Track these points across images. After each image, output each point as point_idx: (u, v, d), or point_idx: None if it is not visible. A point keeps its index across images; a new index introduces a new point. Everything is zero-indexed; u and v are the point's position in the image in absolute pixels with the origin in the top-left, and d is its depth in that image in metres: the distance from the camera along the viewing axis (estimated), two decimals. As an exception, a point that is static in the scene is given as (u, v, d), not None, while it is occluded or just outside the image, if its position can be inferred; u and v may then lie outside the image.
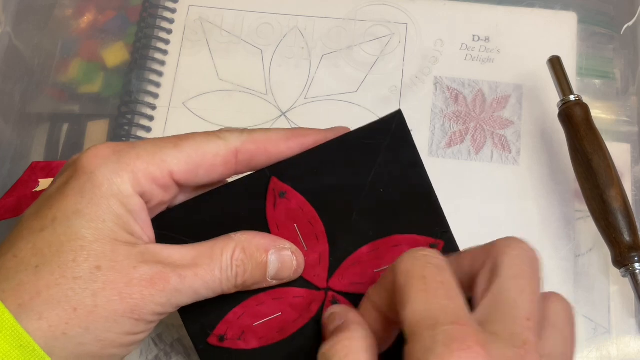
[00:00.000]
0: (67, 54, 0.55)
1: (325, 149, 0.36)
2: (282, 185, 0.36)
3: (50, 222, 0.31)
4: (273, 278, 0.35)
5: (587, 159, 0.44)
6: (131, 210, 0.32)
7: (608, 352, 0.44)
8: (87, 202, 0.31)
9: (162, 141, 0.34)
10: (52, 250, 0.31)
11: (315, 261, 0.36)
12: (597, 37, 0.53)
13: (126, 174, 0.32)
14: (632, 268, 0.42)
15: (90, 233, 0.31)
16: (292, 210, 0.36)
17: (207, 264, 0.33)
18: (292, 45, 0.53)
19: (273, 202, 0.36)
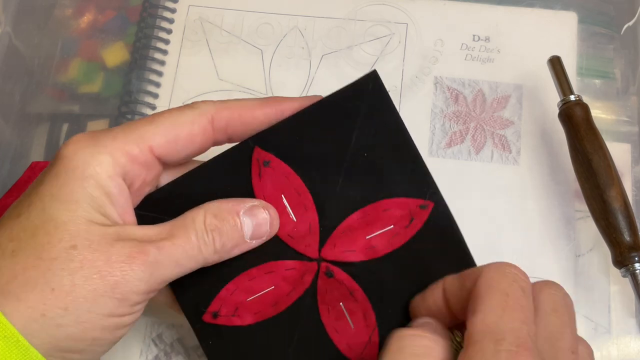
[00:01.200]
0: (67, 54, 0.55)
1: (305, 115, 0.36)
2: (265, 154, 0.36)
3: (26, 208, 0.31)
4: (252, 238, 0.34)
5: (587, 158, 0.44)
6: (108, 192, 0.32)
7: (608, 352, 0.44)
8: (61, 185, 0.31)
9: (137, 121, 0.34)
10: (28, 234, 0.31)
11: (305, 231, 0.36)
12: (597, 37, 0.53)
13: (103, 155, 0.32)
14: (633, 268, 0.42)
15: (63, 214, 0.31)
16: (278, 180, 0.36)
17: (183, 233, 0.33)
18: (292, 45, 0.53)
19: (258, 171, 0.36)
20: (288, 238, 0.36)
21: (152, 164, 0.34)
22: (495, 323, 0.28)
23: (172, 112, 0.35)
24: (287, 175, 0.36)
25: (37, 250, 0.30)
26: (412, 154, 0.36)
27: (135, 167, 0.33)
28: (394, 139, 0.36)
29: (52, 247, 0.30)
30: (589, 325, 0.45)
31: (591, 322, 0.45)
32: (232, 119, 0.35)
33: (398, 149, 0.36)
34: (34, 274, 0.30)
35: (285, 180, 0.36)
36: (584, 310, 0.45)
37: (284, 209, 0.36)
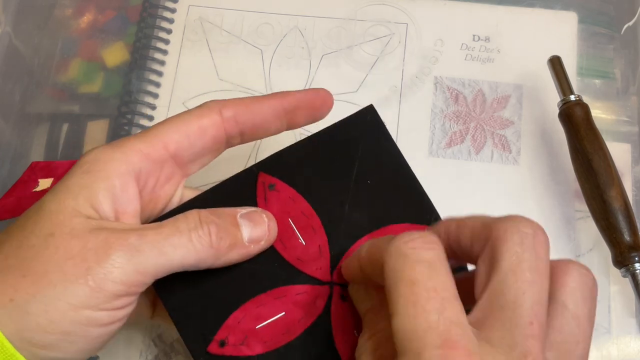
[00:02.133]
0: (67, 53, 0.55)
1: (307, 144, 0.36)
2: (270, 178, 0.36)
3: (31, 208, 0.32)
4: (250, 241, 0.33)
5: (587, 159, 0.44)
6: (110, 187, 0.31)
7: (608, 352, 0.44)
8: (65, 179, 0.32)
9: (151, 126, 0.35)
10: (18, 226, 0.31)
11: (315, 254, 0.35)
12: (597, 37, 0.53)
13: (116, 154, 0.32)
14: (633, 268, 0.42)
15: (52, 204, 0.31)
16: (284, 202, 0.36)
17: (171, 223, 0.31)
18: (292, 45, 0.53)
19: (263, 195, 0.36)
20: (297, 261, 0.35)
21: (167, 162, 0.34)
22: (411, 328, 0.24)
23: (182, 112, 0.35)
24: (294, 198, 0.36)
25: (20, 240, 0.30)
26: (410, 181, 0.37)
27: (149, 164, 0.33)
28: (393, 167, 0.37)
29: (33, 236, 0.30)
30: (589, 325, 0.45)
31: (591, 322, 0.45)
32: (239, 110, 0.35)
33: (398, 177, 0.37)
34: (11, 261, 0.29)
35: (292, 203, 0.36)
36: (584, 310, 0.45)
37: (292, 232, 0.35)
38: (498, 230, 0.27)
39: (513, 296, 0.25)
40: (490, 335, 0.25)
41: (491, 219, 0.28)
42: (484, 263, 0.27)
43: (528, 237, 0.26)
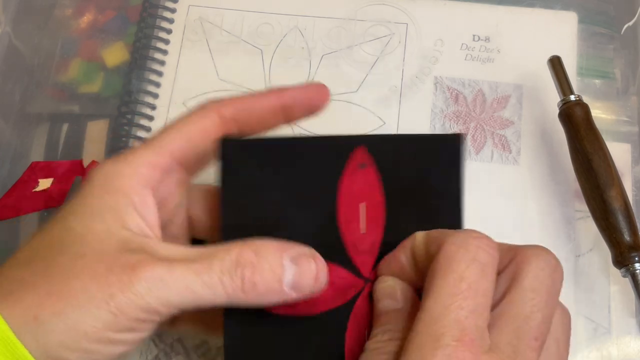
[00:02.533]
0: (67, 53, 0.55)
1: (403, 139, 0.36)
2: (365, 157, 0.35)
3: (50, 224, 0.32)
4: (292, 287, 0.31)
5: (587, 159, 0.44)
6: (131, 203, 0.32)
7: (608, 352, 0.44)
8: (83, 199, 0.32)
9: (154, 134, 0.34)
10: (44, 244, 0.31)
11: (368, 247, 0.35)
12: (597, 37, 0.53)
13: (125, 169, 0.32)
14: (633, 268, 0.42)
15: (80, 226, 0.31)
16: (364, 187, 0.35)
17: (205, 259, 0.30)
18: (292, 45, 0.53)
19: (351, 172, 0.35)
20: (352, 247, 0.35)
21: (175, 169, 0.34)
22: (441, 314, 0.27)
23: (181, 116, 0.35)
24: (372, 185, 0.35)
25: (48, 259, 0.30)
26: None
27: (158, 174, 0.33)
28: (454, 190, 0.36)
29: (61, 255, 0.30)
30: (589, 325, 0.45)
31: (591, 322, 0.45)
32: (237, 109, 0.35)
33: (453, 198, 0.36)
34: (37, 279, 0.29)
35: (369, 190, 0.35)
36: (584, 310, 0.45)
37: (357, 218, 0.35)
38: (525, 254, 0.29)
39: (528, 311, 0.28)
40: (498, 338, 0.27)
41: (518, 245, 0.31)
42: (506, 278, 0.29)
43: (550, 267, 0.30)
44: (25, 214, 0.48)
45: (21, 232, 0.49)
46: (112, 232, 0.31)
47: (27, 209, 0.47)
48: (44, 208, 0.48)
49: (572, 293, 0.45)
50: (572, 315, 0.32)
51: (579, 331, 0.44)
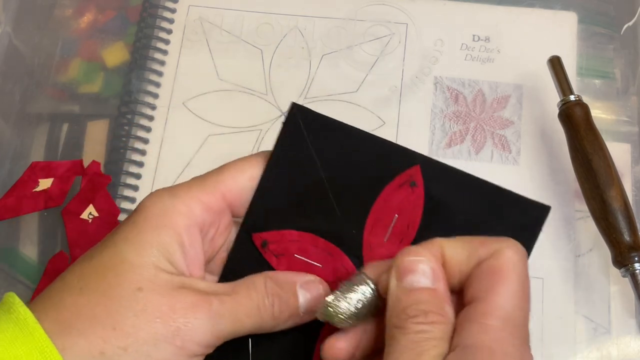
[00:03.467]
0: (67, 53, 0.55)
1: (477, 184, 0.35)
2: (419, 178, 0.35)
3: (99, 251, 0.32)
4: (305, 311, 0.34)
5: (587, 159, 0.44)
6: (180, 242, 0.32)
7: (608, 352, 0.44)
8: (136, 231, 0.32)
9: (207, 173, 0.35)
10: (97, 273, 0.31)
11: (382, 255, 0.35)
12: (597, 37, 0.53)
13: (181, 206, 0.33)
14: (632, 268, 0.42)
15: (134, 257, 0.31)
16: (405, 203, 0.35)
17: (244, 291, 0.33)
18: (292, 45, 0.53)
19: (400, 184, 0.35)
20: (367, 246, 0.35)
21: (225, 212, 0.35)
22: (512, 314, 0.28)
23: (238, 161, 0.36)
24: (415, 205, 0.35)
25: (104, 289, 0.30)
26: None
27: (210, 216, 0.34)
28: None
29: (119, 287, 0.30)
30: (589, 325, 0.45)
31: (591, 322, 0.45)
32: None
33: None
34: (98, 311, 0.30)
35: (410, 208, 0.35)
36: (584, 310, 0.45)
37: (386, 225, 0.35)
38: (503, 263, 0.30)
39: None
40: None
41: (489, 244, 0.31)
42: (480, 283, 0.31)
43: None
44: (26, 214, 0.48)
45: (21, 232, 0.49)
46: (161, 267, 0.32)
47: (27, 209, 0.47)
48: (44, 208, 0.48)
49: (572, 293, 0.45)
50: (572, 315, 0.32)
51: (579, 331, 0.44)
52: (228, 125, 0.51)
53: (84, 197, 0.48)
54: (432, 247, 0.31)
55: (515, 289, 0.29)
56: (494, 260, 0.30)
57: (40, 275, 0.47)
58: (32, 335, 0.29)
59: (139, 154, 0.51)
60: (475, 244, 0.31)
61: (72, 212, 0.47)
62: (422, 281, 0.30)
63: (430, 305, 0.29)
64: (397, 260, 0.30)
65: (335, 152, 0.36)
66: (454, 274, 0.31)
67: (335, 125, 0.37)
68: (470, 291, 0.30)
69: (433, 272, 0.30)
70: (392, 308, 0.30)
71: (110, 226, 0.47)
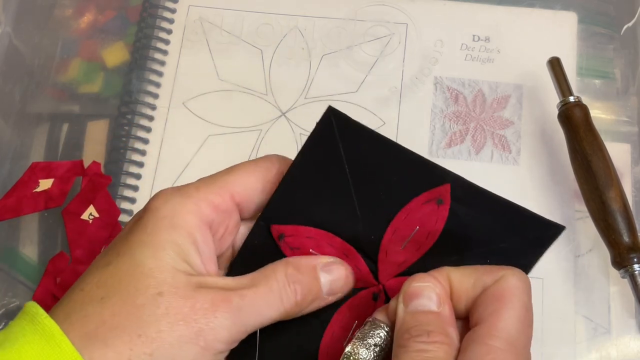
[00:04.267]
0: (67, 54, 0.55)
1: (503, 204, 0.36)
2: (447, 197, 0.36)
3: (114, 257, 0.32)
4: (328, 293, 0.35)
5: (586, 160, 0.44)
6: (194, 241, 0.33)
7: (608, 352, 0.44)
8: (148, 233, 0.32)
9: (217, 173, 0.35)
10: (116, 281, 0.31)
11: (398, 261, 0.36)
12: (597, 37, 0.53)
13: (190, 205, 0.33)
14: (631, 269, 0.42)
15: (150, 261, 0.31)
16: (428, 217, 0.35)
17: (264, 282, 0.33)
18: (292, 46, 0.53)
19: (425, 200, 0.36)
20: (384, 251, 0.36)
21: (233, 212, 0.35)
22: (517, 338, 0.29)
23: (247, 162, 0.36)
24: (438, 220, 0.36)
25: (125, 297, 0.31)
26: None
27: (219, 215, 0.34)
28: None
29: (139, 294, 0.31)
30: (589, 325, 0.45)
31: (591, 322, 0.45)
32: None
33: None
34: (121, 319, 0.30)
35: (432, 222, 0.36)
36: (584, 310, 0.45)
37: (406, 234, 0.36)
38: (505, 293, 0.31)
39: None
40: None
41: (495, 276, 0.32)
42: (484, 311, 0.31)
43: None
44: (26, 214, 0.48)
45: (21, 233, 0.49)
46: (178, 268, 0.32)
47: (28, 210, 0.47)
48: (45, 208, 0.48)
49: (571, 293, 0.45)
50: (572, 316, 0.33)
51: (579, 331, 0.45)
52: (228, 125, 0.51)
53: (85, 198, 0.48)
54: (439, 274, 0.32)
55: (519, 313, 0.30)
56: (498, 285, 0.31)
57: (40, 275, 0.47)
58: (60, 347, 0.29)
59: (139, 154, 0.51)
60: (481, 272, 0.32)
61: (72, 213, 0.47)
62: (427, 305, 0.31)
63: (433, 326, 0.30)
64: (404, 286, 0.32)
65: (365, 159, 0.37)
66: (460, 300, 0.32)
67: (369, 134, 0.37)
68: (475, 315, 0.31)
69: (438, 297, 0.31)
70: (397, 330, 0.31)
71: (110, 227, 0.47)
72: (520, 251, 0.35)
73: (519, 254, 0.35)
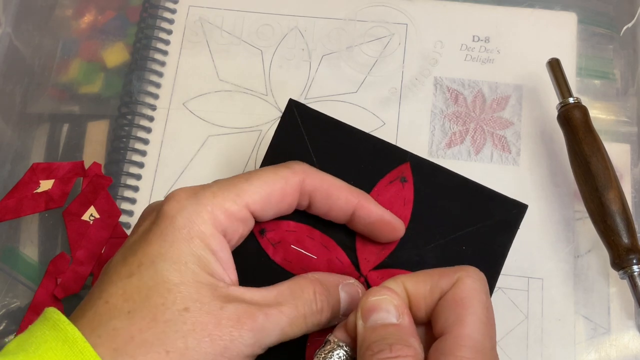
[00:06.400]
0: (67, 54, 0.55)
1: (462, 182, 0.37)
2: (409, 174, 0.37)
3: (136, 268, 0.32)
4: (344, 314, 0.35)
5: (585, 161, 0.44)
6: (212, 250, 0.33)
7: (607, 352, 0.44)
8: (169, 245, 0.32)
9: (234, 178, 0.35)
10: (142, 296, 0.31)
11: (375, 250, 0.37)
12: (597, 37, 0.53)
13: (205, 213, 0.33)
14: (630, 270, 0.42)
15: (175, 275, 0.32)
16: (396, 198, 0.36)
17: (290, 301, 0.33)
18: (292, 46, 0.54)
19: (390, 180, 0.37)
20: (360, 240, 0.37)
21: (248, 220, 0.35)
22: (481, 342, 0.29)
23: (267, 170, 0.35)
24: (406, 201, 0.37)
25: (152, 312, 0.31)
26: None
27: (234, 223, 0.34)
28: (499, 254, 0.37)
29: (166, 309, 0.31)
30: (589, 325, 0.45)
31: (590, 322, 0.45)
32: (319, 188, 0.36)
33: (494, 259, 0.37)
34: (149, 335, 0.30)
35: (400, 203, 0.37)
36: (583, 310, 0.45)
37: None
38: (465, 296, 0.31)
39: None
40: None
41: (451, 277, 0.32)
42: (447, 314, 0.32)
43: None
44: (27, 215, 0.48)
45: (22, 234, 0.49)
46: (202, 282, 0.32)
47: (28, 210, 0.47)
48: (45, 209, 0.48)
49: (571, 294, 0.45)
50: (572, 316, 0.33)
51: (579, 331, 0.45)
52: (228, 125, 0.51)
53: (85, 199, 0.48)
54: (394, 284, 0.32)
55: (480, 316, 0.30)
56: (456, 290, 0.31)
57: (41, 276, 0.47)
58: (82, 354, 0.29)
59: (139, 154, 0.51)
60: (436, 276, 0.32)
61: (73, 214, 0.48)
62: (386, 317, 0.31)
63: (395, 338, 0.30)
64: (361, 302, 0.32)
65: (329, 147, 0.38)
66: (419, 307, 0.32)
67: (330, 122, 0.38)
68: (438, 324, 0.31)
69: (396, 309, 0.31)
70: (359, 348, 0.31)
71: (111, 227, 0.47)
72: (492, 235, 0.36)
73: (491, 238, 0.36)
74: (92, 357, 0.29)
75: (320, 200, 0.36)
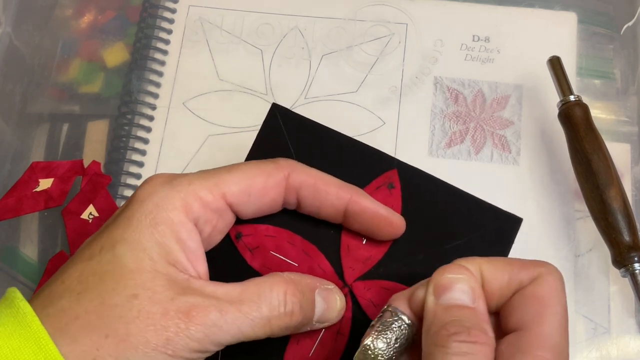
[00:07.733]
0: (67, 54, 0.55)
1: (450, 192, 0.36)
2: (397, 180, 0.36)
3: (98, 251, 0.31)
4: (318, 320, 0.33)
5: (586, 159, 0.44)
6: (179, 238, 0.32)
7: (608, 352, 0.44)
8: (132, 230, 0.31)
9: (217, 169, 0.34)
10: (96, 278, 0.31)
11: (362, 258, 0.35)
12: (597, 37, 0.53)
13: (178, 200, 0.32)
14: (632, 268, 0.42)
15: (131, 261, 0.31)
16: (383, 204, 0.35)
17: (254, 301, 0.31)
18: (292, 46, 0.54)
19: (378, 185, 0.36)
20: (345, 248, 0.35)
21: (225, 212, 0.34)
22: (560, 344, 0.28)
23: (251, 163, 0.34)
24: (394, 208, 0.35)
25: (102, 296, 0.30)
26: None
27: (208, 213, 0.33)
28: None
29: (115, 294, 0.30)
30: (589, 325, 0.45)
31: (591, 321, 0.45)
32: (306, 184, 0.34)
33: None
34: (93, 317, 0.30)
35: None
36: (584, 310, 0.45)
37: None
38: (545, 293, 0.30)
39: None
40: None
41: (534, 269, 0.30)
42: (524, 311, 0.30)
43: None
44: (26, 214, 0.48)
45: (22, 233, 0.49)
46: (159, 270, 0.31)
47: (28, 209, 0.47)
48: (45, 208, 0.48)
49: (572, 293, 0.45)
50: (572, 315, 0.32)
51: (579, 331, 0.45)
52: (228, 125, 0.51)
53: (85, 197, 0.48)
54: (471, 265, 0.30)
55: (560, 318, 0.29)
56: (537, 287, 0.29)
57: (40, 275, 0.47)
58: (30, 327, 0.29)
59: (139, 154, 0.51)
60: (516, 267, 0.30)
61: (72, 212, 0.48)
62: (461, 299, 0.29)
63: (471, 322, 0.28)
64: (434, 277, 0.30)
65: (313, 153, 0.37)
66: (493, 296, 0.30)
67: (314, 127, 0.37)
68: (514, 318, 0.29)
69: (472, 291, 0.29)
70: (429, 325, 0.29)
71: (110, 226, 0.47)
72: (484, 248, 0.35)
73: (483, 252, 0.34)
74: (39, 330, 0.29)
75: (308, 197, 0.34)
